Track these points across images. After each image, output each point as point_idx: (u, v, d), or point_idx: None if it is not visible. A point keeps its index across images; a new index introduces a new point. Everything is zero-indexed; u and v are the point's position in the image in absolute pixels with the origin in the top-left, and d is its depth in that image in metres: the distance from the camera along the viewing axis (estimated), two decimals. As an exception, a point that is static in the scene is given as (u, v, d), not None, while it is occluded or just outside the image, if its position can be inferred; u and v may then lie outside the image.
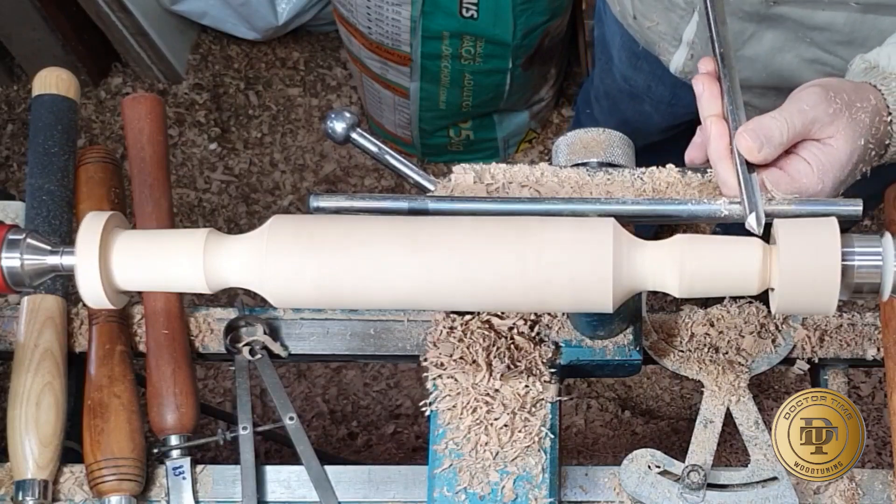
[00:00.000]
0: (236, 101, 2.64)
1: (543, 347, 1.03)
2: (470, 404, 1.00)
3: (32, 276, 0.79)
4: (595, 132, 0.95)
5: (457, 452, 0.99)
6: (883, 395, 2.19)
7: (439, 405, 1.00)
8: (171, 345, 1.15)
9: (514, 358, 1.01)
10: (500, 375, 1.00)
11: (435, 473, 0.98)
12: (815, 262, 0.73)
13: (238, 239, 0.78)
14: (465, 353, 1.00)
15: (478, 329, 1.01)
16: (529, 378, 1.00)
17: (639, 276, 0.77)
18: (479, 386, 1.00)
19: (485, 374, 0.99)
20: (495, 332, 1.01)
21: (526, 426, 1.00)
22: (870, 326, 1.16)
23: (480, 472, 0.98)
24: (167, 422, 1.12)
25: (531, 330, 1.02)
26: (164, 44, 2.54)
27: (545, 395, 1.01)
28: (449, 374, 1.00)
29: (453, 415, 1.00)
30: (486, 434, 0.99)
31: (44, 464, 1.07)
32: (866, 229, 2.43)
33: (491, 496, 0.98)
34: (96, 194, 1.23)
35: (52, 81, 1.24)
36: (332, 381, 2.27)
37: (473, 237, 0.76)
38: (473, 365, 1.00)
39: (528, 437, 0.99)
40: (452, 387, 1.00)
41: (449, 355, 1.00)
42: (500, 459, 0.99)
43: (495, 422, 0.99)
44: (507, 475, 0.98)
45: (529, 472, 0.98)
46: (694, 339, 1.12)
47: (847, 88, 0.91)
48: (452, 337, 1.01)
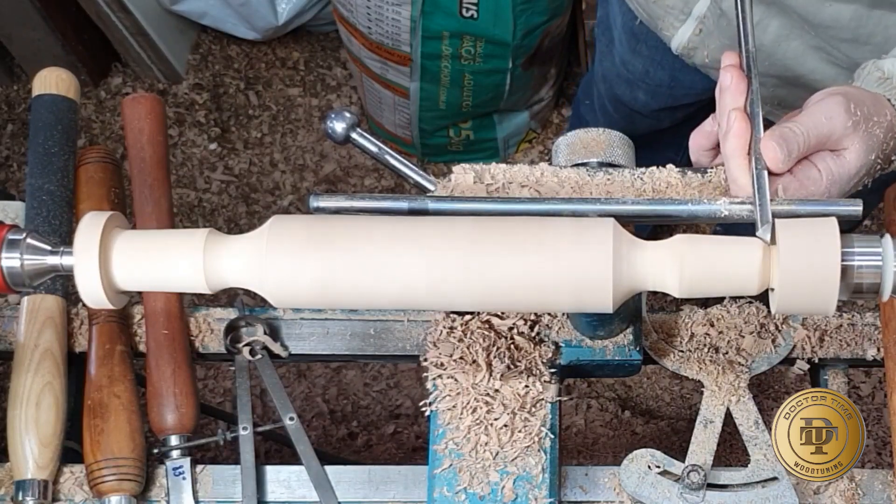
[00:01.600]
0: (236, 101, 2.64)
1: (543, 347, 1.03)
2: (470, 404, 1.00)
3: (32, 276, 0.79)
4: (595, 132, 0.95)
5: (457, 452, 0.99)
6: (883, 395, 2.19)
7: (439, 405, 1.00)
8: (171, 345, 1.15)
9: (514, 358, 1.01)
10: (500, 375, 1.00)
11: (435, 473, 0.98)
12: (815, 262, 0.73)
13: (238, 239, 0.78)
14: (465, 353, 1.00)
15: (478, 329, 1.01)
16: (529, 378, 1.00)
17: (639, 276, 0.77)
18: (479, 386, 1.00)
19: (485, 374, 0.99)
20: (495, 332, 1.01)
21: (526, 426, 1.00)
22: (870, 326, 1.16)
23: (480, 472, 0.98)
24: (167, 422, 1.12)
25: (531, 330, 1.02)
26: (164, 44, 2.54)
27: (545, 395, 1.01)
28: (449, 374, 1.00)
29: (453, 415, 1.00)
30: (486, 434, 0.99)
31: (44, 464, 1.07)
32: (866, 229, 2.43)
33: (491, 496, 0.98)
34: (96, 194, 1.23)
35: (52, 81, 1.24)
36: (332, 381, 2.27)
37: (474, 237, 0.76)
38: (473, 365, 1.00)
39: (528, 438, 0.99)
40: (452, 387, 1.00)
41: (449, 355, 1.00)
42: (500, 459, 0.99)
43: (495, 422, 0.99)
44: (507, 475, 0.98)
45: (529, 472, 0.98)
46: (694, 339, 1.12)
47: (867, 101, 0.91)
48: (452, 337, 1.01)
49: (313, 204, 0.85)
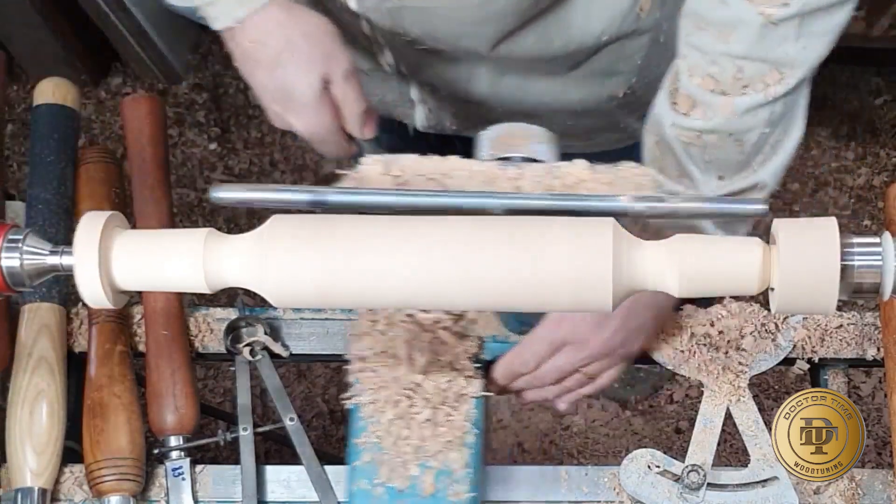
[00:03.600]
0: (236, 101, 2.64)
1: (468, 342, 1.01)
2: (391, 398, 0.99)
3: (32, 276, 0.79)
4: (517, 127, 0.92)
5: (378, 446, 0.98)
6: (883, 395, 2.19)
7: (361, 399, 0.99)
8: (170, 345, 1.15)
9: (437, 352, 1.00)
10: (421, 369, 0.99)
11: (355, 466, 0.97)
12: (815, 261, 0.73)
13: (238, 239, 0.78)
14: (386, 346, 0.99)
15: (401, 323, 0.99)
16: (452, 372, 0.99)
17: (639, 276, 0.77)
18: (400, 380, 0.99)
19: (406, 367, 0.98)
20: (419, 325, 1.00)
21: (448, 421, 0.99)
22: (870, 326, 1.16)
23: (400, 466, 0.97)
24: (167, 422, 1.12)
25: (456, 324, 1.01)
26: (164, 44, 2.53)
27: (468, 389, 1.00)
28: (371, 367, 0.99)
29: (375, 408, 0.99)
30: (407, 428, 0.98)
31: (40, 471, 1.07)
32: (866, 229, 2.43)
33: (410, 490, 0.97)
34: (98, 194, 1.23)
35: (50, 91, 1.25)
36: (332, 381, 2.27)
37: (474, 237, 0.76)
38: (395, 359, 0.99)
39: (451, 432, 0.98)
40: (374, 380, 0.99)
41: (370, 348, 0.99)
42: (421, 454, 0.98)
43: (417, 416, 0.98)
44: (428, 469, 0.97)
45: (450, 466, 0.97)
46: (694, 339, 1.12)
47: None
48: (375, 330, 1.00)
49: (214, 195, 0.82)
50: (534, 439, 2.21)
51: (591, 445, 2.20)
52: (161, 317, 1.16)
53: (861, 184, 2.53)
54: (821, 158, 2.57)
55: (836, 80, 2.58)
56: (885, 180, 2.50)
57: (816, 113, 2.57)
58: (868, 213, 2.50)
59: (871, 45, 2.37)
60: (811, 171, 2.56)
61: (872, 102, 2.60)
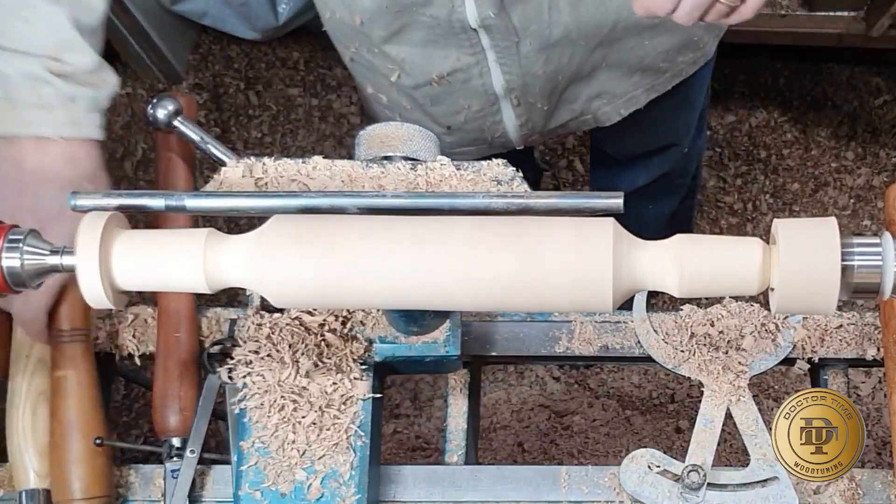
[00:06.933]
0: (236, 101, 2.64)
1: (355, 344, 1.00)
2: (277, 402, 0.98)
3: (32, 276, 0.79)
4: (394, 126, 0.92)
5: (264, 450, 0.98)
6: (883, 395, 2.19)
7: (248, 403, 0.99)
8: (181, 347, 1.15)
9: (323, 355, 0.99)
10: (306, 373, 0.98)
11: (241, 471, 0.97)
12: (815, 261, 0.73)
13: (238, 239, 0.78)
14: (271, 350, 0.99)
15: (286, 326, 0.99)
16: (338, 375, 0.99)
17: (639, 276, 0.77)
18: (285, 384, 0.99)
19: (290, 371, 0.98)
20: (305, 328, 1.00)
21: (335, 424, 0.98)
22: (870, 326, 1.16)
23: (286, 470, 0.97)
24: (170, 424, 1.12)
25: (343, 326, 1.01)
26: (164, 44, 2.54)
27: (354, 392, 0.99)
28: (257, 371, 0.99)
29: (261, 413, 0.98)
30: (293, 432, 0.98)
31: (44, 473, 1.08)
32: (866, 229, 2.44)
33: (294, 493, 0.96)
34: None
35: None
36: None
37: (474, 237, 0.76)
38: (280, 362, 0.99)
39: (337, 435, 0.98)
40: (260, 384, 0.99)
41: (255, 352, 0.99)
42: (307, 457, 0.97)
43: (302, 420, 0.98)
44: (315, 473, 0.97)
45: (337, 469, 0.97)
46: (694, 339, 1.12)
47: None
48: (259, 333, 1.00)
49: (72, 202, 0.81)
50: (534, 439, 2.21)
51: (591, 445, 2.20)
52: (174, 318, 1.16)
53: (861, 184, 2.53)
54: (821, 158, 2.57)
55: (836, 80, 2.58)
56: (885, 180, 2.51)
57: (816, 113, 2.58)
58: (868, 213, 2.50)
59: (871, 45, 2.37)
60: (811, 171, 2.56)
61: (872, 102, 2.60)
